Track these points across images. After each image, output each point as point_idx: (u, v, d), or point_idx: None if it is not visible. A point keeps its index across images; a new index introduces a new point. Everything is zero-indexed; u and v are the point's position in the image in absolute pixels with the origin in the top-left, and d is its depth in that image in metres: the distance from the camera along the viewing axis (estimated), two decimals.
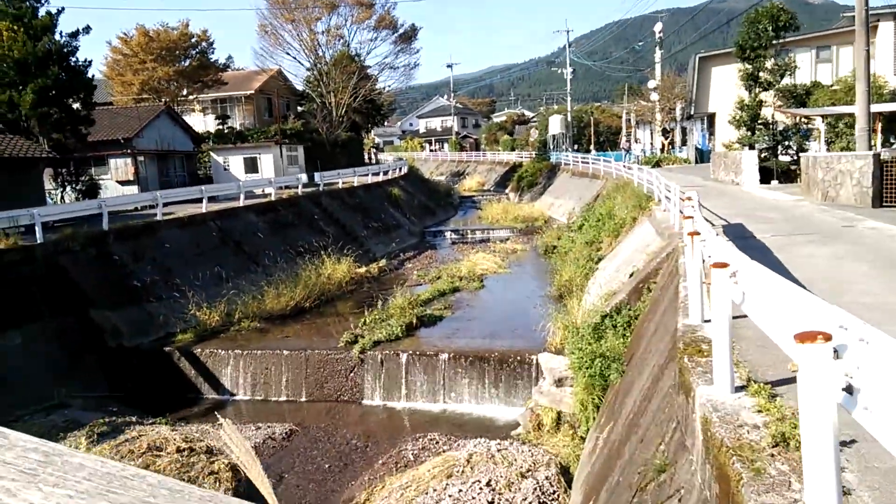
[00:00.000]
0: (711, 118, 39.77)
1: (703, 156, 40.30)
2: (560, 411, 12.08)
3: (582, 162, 43.42)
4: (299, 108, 53.29)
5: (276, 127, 42.27)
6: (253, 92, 48.48)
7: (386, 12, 45.78)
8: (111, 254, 18.27)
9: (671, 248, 12.57)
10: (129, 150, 31.39)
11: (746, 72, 26.66)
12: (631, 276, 14.06)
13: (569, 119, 65.64)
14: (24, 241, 16.55)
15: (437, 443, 12.08)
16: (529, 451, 11.01)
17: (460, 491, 9.59)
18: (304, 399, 15.00)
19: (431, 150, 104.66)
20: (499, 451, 11.06)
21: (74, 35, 26.95)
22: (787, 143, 25.89)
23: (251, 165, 34.38)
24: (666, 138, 41.53)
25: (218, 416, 14.65)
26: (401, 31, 47.10)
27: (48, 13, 26.27)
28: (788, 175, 24.01)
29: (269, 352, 15.49)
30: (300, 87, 54.00)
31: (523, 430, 12.20)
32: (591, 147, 64.14)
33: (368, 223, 31.81)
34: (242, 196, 24.38)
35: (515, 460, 10.58)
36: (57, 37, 26.23)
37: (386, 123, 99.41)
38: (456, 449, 11.62)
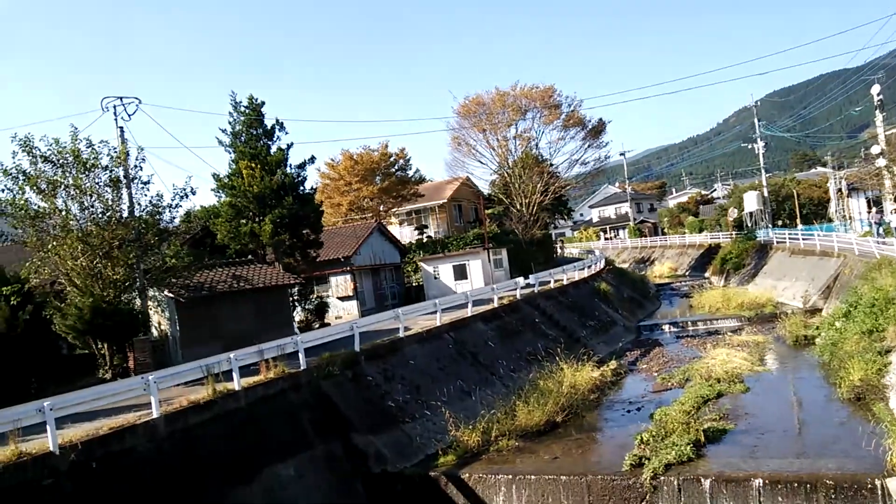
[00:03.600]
0: None
1: None
2: None
3: (803, 238, 39.83)
4: (487, 212, 54.08)
5: (474, 232, 42.78)
6: (445, 201, 49.86)
7: (573, 111, 45.84)
8: (365, 375, 18.24)
9: None
10: (348, 268, 32.63)
11: None
12: None
13: (765, 194, 61.63)
14: (288, 367, 16.84)
15: None
16: None
17: None
18: None
19: (607, 239, 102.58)
20: None
21: (302, 166, 28.90)
22: None
23: (460, 272, 34.59)
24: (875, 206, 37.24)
25: None
26: (589, 126, 46.78)
27: (279, 149, 28.36)
28: None
29: (545, 477, 14.24)
30: (485, 190, 55.03)
31: None
32: (798, 221, 59.31)
33: (585, 322, 30.49)
34: (470, 305, 24.06)
35: None
36: (288, 169, 28.14)
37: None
38: None
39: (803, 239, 39.65)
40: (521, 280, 28.19)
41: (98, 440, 12.27)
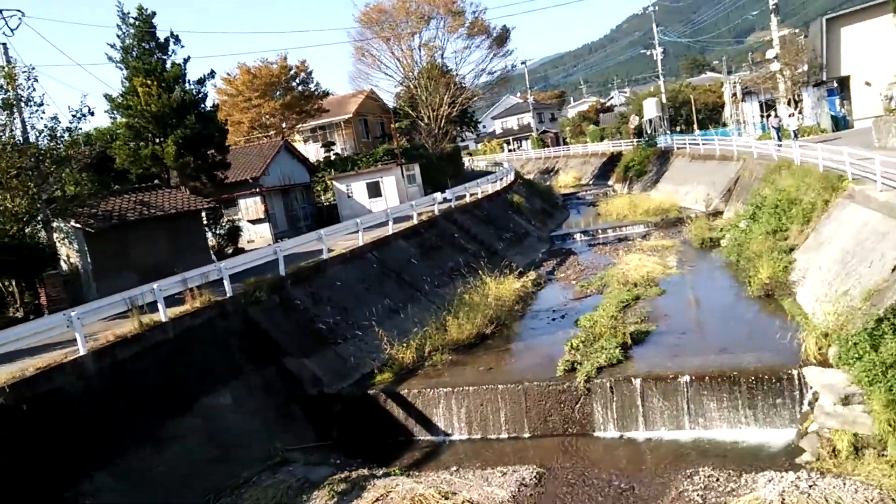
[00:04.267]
0: (843, 82, 37.17)
1: (838, 123, 37.62)
2: (855, 433, 10.70)
3: (702, 144, 41.36)
4: (392, 125, 53.09)
5: (383, 148, 42.03)
6: (351, 115, 48.56)
7: (477, 18, 44.92)
8: (292, 299, 17.90)
9: None
10: (257, 189, 31.49)
11: None
12: (894, 270, 12.51)
13: (664, 100, 63.28)
14: (214, 295, 16.27)
15: (718, 480, 10.86)
16: (846, 484, 9.72)
17: None
18: (527, 435, 14.07)
19: (510, 150, 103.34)
20: (810, 486, 9.82)
21: (201, 82, 27.19)
22: None
23: (374, 190, 34.03)
24: (795, 108, 38.96)
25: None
26: (493, 34, 46.08)
27: (175, 64, 26.48)
28: None
29: (483, 387, 14.61)
30: (391, 104, 53.85)
31: (812, 458, 10.87)
32: (695, 127, 61.46)
33: (501, 235, 30.93)
34: (391, 223, 23.82)
35: (841, 499, 9.32)
36: (186, 86, 26.40)
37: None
38: (746, 487, 10.44)
39: (703, 144, 41.13)
40: (438, 196, 28.07)
41: (25, 382, 11.63)
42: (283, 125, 43.29)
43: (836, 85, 37.80)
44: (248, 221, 31.61)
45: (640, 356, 14.79)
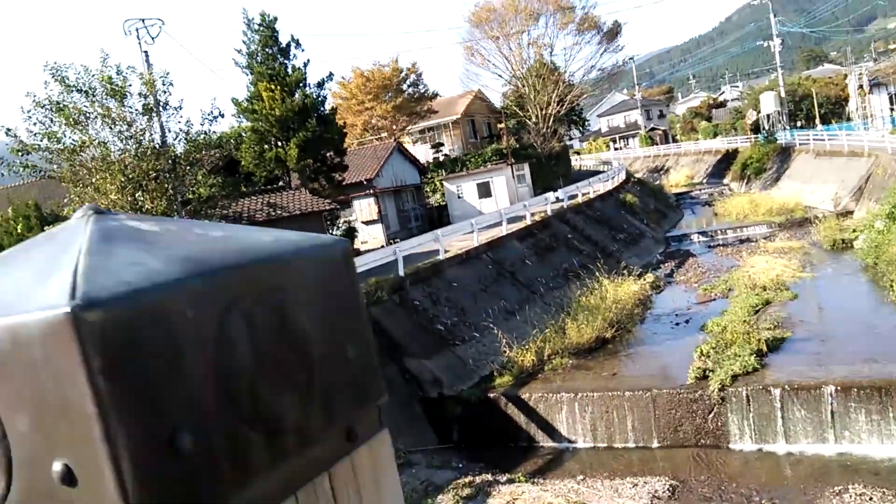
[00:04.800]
0: None
1: None
2: None
3: (828, 140, 38.99)
4: (499, 126, 52.99)
5: (492, 148, 42.01)
6: (459, 116, 48.79)
7: (587, 14, 44.17)
8: (412, 300, 18.10)
9: None
10: (371, 191, 32.14)
11: None
12: None
13: (782, 94, 60.24)
14: None
15: (871, 499, 10.11)
16: None
17: None
18: (655, 445, 13.58)
19: (616, 149, 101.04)
20: None
21: (321, 85, 27.96)
22: None
23: (484, 190, 34.05)
24: None
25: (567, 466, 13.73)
26: (604, 29, 45.20)
27: (296, 68, 27.37)
28: None
29: (609, 394, 14.25)
30: (498, 104, 53.76)
31: None
32: (817, 122, 58.13)
33: (615, 235, 30.19)
34: (505, 223, 23.71)
35: None
36: (307, 89, 27.26)
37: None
38: None
39: (828, 140, 38.78)
40: (550, 195, 27.72)
41: None
42: (394, 127, 44.04)
43: None
44: (362, 223, 32.29)
45: (777, 364, 13.99)
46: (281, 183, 24.94)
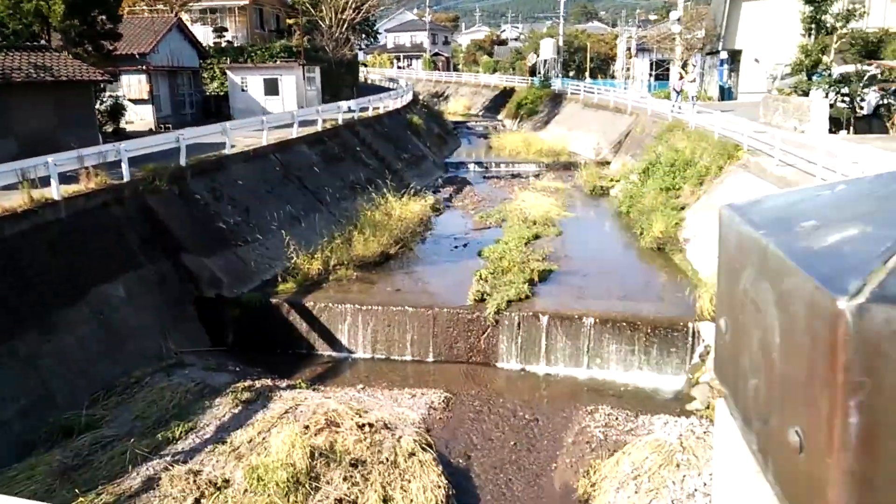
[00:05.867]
0: (734, 56, 39.18)
1: (724, 94, 39.83)
2: None
3: (598, 93, 42.38)
4: (289, 21, 50.14)
5: (281, 44, 39.78)
6: (247, 2, 45.34)
7: None
8: (193, 193, 16.83)
9: None
10: (143, 67, 28.94)
11: (808, 15, 25.94)
12: None
13: (560, 44, 64.05)
14: (110, 178, 14.95)
15: (617, 419, 11.59)
16: None
17: (706, 484, 9.20)
18: (431, 359, 14.31)
19: (400, 67, 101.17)
20: (705, 432, 10.70)
21: None
22: (841, 91, 24.84)
23: (272, 87, 32.22)
24: (686, 73, 40.63)
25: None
26: None
27: None
28: (859, 125, 23.52)
29: (393, 308, 14.61)
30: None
31: (702, 406, 11.86)
32: (587, 75, 62.87)
33: (400, 154, 30.52)
34: (296, 126, 22.77)
35: None
36: None
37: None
38: (643, 428, 11.23)
39: (598, 94, 42.17)
40: (343, 104, 27.05)
41: None
42: (173, 1, 39.73)
43: (726, 56, 39.80)
44: (130, 101, 29.05)
45: (546, 293, 15.29)
46: (43, 41, 21.35)
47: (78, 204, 13.62)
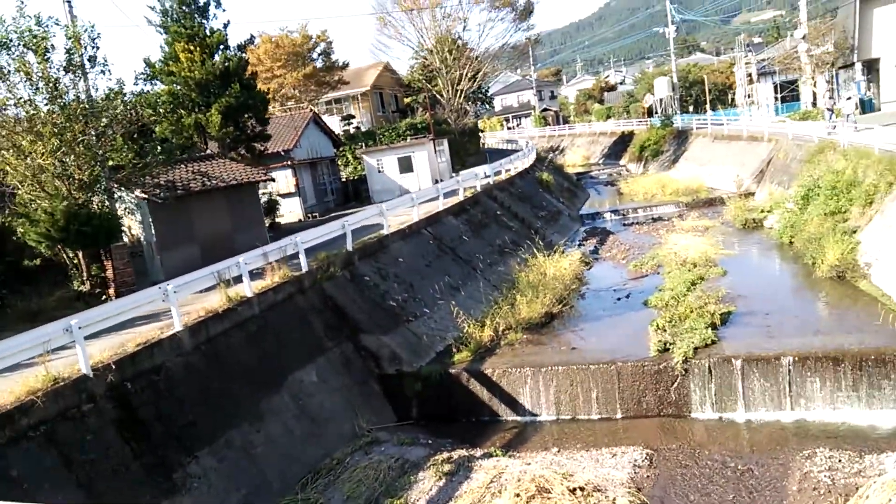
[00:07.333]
0: (871, 65, 37.09)
1: (864, 107, 37.59)
2: None
3: (727, 124, 41.18)
4: (406, 100, 52.40)
5: (406, 122, 41.50)
6: (368, 88, 47.91)
7: None
8: (362, 275, 17.62)
9: None
10: (288, 162, 30.99)
11: None
12: None
13: (674, 80, 63.02)
14: (290, 270, 15.95)
15: (841, 461, 10.80)
16: None
17: None
18: (619, 416, 13.96)
19: (510, 128, 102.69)
20: None
21: (242, 48, 26.47)
22: None
23: (406, 165, 33.56)
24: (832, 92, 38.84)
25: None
26: (518, 7, 45.45)
27: (215, 29, 25.76)
28: None
29: (573, 367, 14.46)
30: (405, 78, 53.14)
31: None
32: (707, 107, 61.27)
33: (537, 213, 30.71)
34: (441, 198, 23.50)
35: None
36: (228, 52, 25.74)
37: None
38: (872, 468, 10.38)
39: (727, 124, 40.96)
40: (480, 171, 27.72)
41: (128, 358, 11.26)
42: (303, 97, 42.59)
43: (862, 67, 37.72)
44: (279, 195, 31.11)
45: (732, 336, 14.66)
46: (209, 151, 23.44)
47: (268, 297, 14.58)
